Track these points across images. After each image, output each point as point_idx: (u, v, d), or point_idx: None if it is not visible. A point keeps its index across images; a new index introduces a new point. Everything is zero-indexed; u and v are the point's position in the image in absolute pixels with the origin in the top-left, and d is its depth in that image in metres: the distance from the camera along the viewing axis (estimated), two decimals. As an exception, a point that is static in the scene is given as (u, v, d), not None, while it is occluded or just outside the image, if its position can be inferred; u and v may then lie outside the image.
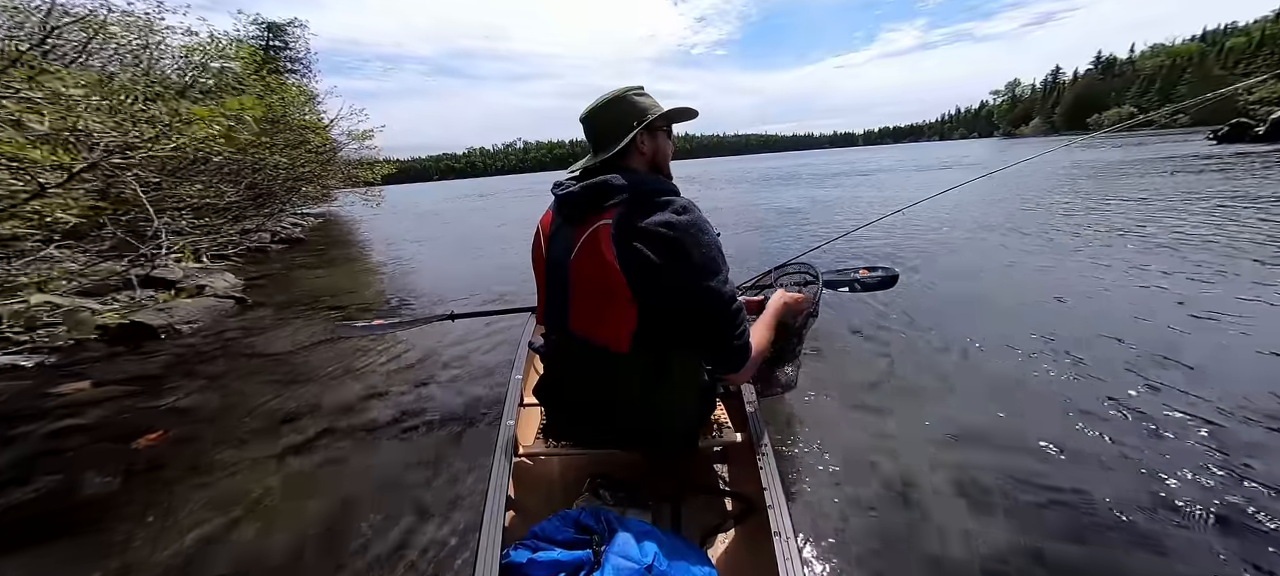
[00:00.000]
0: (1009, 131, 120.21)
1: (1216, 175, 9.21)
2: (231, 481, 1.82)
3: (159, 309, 3.79)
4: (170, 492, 1.75)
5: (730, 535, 1.07)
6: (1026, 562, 1.27)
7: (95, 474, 1.87)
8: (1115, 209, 6.51)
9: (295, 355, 3.12)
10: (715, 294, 0.96)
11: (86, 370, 2.98)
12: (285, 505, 1.66)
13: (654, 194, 0.99)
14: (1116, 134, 38.80)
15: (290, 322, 3.85)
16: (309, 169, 10.16)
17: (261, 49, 15.25)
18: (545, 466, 1.28)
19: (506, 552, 0.86)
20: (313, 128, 9.64)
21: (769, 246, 6.07)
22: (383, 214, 14.76)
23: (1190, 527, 1.34)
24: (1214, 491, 1.45)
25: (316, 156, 10.34)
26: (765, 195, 13.23)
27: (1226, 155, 13.77)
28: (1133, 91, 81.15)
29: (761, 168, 34.72)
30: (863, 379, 2.31)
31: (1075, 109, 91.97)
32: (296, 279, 5.84)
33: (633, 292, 0.95)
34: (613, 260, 0.94)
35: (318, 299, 4.70)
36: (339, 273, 6.29)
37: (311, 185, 11.14)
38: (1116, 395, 2.01)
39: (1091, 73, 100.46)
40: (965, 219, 6.46)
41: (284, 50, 17.42)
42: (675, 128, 1.16)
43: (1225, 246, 4.12)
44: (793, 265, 1.82)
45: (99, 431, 2.25)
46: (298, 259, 7.43)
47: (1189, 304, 2.90)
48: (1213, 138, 21.27)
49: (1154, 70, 79.63)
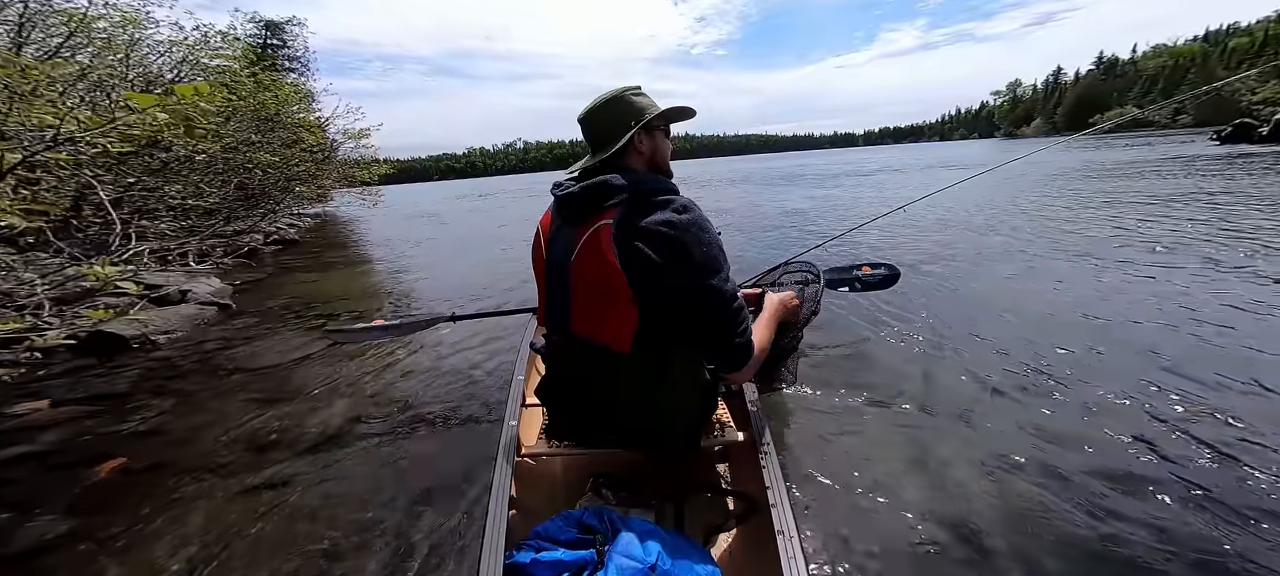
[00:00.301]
0: (1010, 132, 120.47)
1: (1217, 177, 9.21)
2: (218, 487, 1.79)
3: (132, 319, 3.55)
4: (136, 522, 1.60)
5: (733, 534, 1.07)
6: (1028, 560, 1.28)
7: (46, 509, 1.68)
8: (1112, 206, 6.54)
9: (285, 363, 3.06)
10: (717, 293, 0.96)
11: (47, 387, 2.74)
12: (284, 506, 1.66)
13: (654, 193, 0.99)
14: (1109, 134, 38.93)
15: (278, 332, 3.72)
16: (303, 168, 9.89)
17: (259, 47, 15.17)
18: (548, 466, 1.28)
19: (510, 553, 0.86)
20: (307, 126, 9.42)
21: (772, 245, 6.09)
22: (380, 214, 14.72)
23: (1199, 530, 1.34)
24: (1217, 491, 1.46)
25: (311, 155, 10.11)
26: (767, 195, 13.18)
27: (1232, 155, 13.79)
28: (1135, 92, 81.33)
29: (762, 168, 34.66)
30: (865, 377, 2.31)
31: (1077, 109, 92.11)
32: (287, 283, 5.70)
33: (634, 292, 0.96)
34: (614, 260, 0.95)
35: (309, 305, 4.57)
36: (333, 276, 6.13)
37: (306, 185, 10.90)
38: (1119, 390, 2.02)
39: (1093, 73, 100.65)
40: (966, 218, 6.48)
41: (282, 49, 17.44)
42: (674, 127, 1.16)
43: (1227, 245, 4.13)
44: (795, 263, 1.83)
45: (55, 458, 2.06)
46: (291, 261, 7.29)
47: (1197, 309, 2.90)
48: (1216, 138, 21.30)
49: (1156, 70, 79.78)
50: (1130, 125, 61.14)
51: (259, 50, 14.59)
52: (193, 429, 2.25)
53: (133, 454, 2.05)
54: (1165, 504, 1.43)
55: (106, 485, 1.86)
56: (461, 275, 6.00)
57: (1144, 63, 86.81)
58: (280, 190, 9.84)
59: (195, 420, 2.34)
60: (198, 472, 1.89)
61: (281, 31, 17.44)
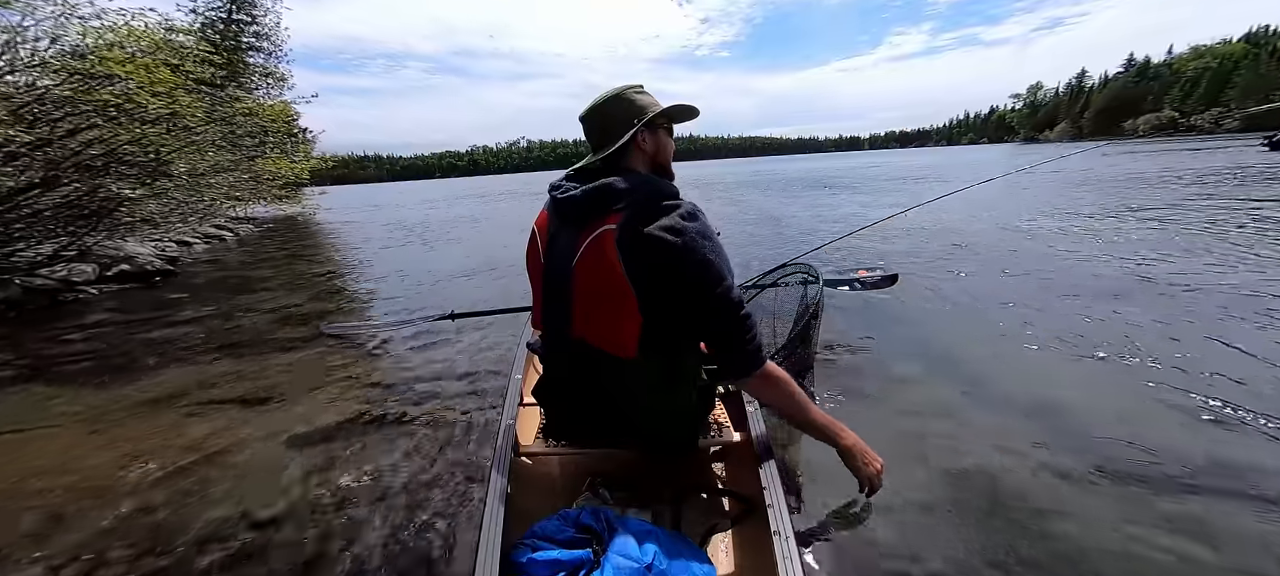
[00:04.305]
0: (1031, 136, 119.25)
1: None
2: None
3: None
4: (138, 522, 1.65)
5: (730, 534, 1.10)
6: (1028, 562, 1.30)
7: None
8: (1141, 204, 6.48)
9: (279, 359, 3.09)
10: (722, 299, 0.98)
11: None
12: (280, 504, 1.70)
13: (659, 198, 1.01)
14: (1145, 139, 37.84)
15: (269, 327, 3.39)
16: (172, 155, 6.52)
17: (222, 20, 14.14)
18: (545, 466, 1.31)
19: (507, 552, 0.89)
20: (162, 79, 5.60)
21: (772, 243, 6.13)
22: (358, 220, 13.51)
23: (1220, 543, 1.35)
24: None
25: (194, 143, 7.06)
26: (811, 205, 11.50)
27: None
28: (1173, 94, 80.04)
29: (756, 171, 34.29)
30: (863, 378, 2.35)
31: (1108, 113, 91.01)
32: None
33: (639, 299, 0.97)
34: (619, 266, 0.96)
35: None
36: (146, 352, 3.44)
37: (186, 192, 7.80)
38: (1121, 394, 2.06)
39: (1122, 76, 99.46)
40: (967, 221, 6.47)
41: (250, 25, 15.35)
42: (677, 127, 1.18)
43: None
44: (793, 265, 1.86)
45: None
46: (102, 320, 4.29)
47: (1204, 321, 2.89)
48: (1266, 144, 20.65)
49: (1197, 72, 78.43)
50: (1169, 128, 59.90)
51: (223, 23, 13.79)
52: (184, 421, 2.31)
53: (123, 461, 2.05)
54: (1163, 503, 1.46)
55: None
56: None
57: (1181, 64, 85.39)
58: (147, 185, 6.49)
59: (186, 409, 2.39)
60: (185, 467, 1.94)
61: (250, 5, 15.43)
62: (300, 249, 9.11)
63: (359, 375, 2.79)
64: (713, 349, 1.04)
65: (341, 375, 2.81)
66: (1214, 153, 19.71)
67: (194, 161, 7.46)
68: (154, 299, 5.22)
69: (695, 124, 1.24)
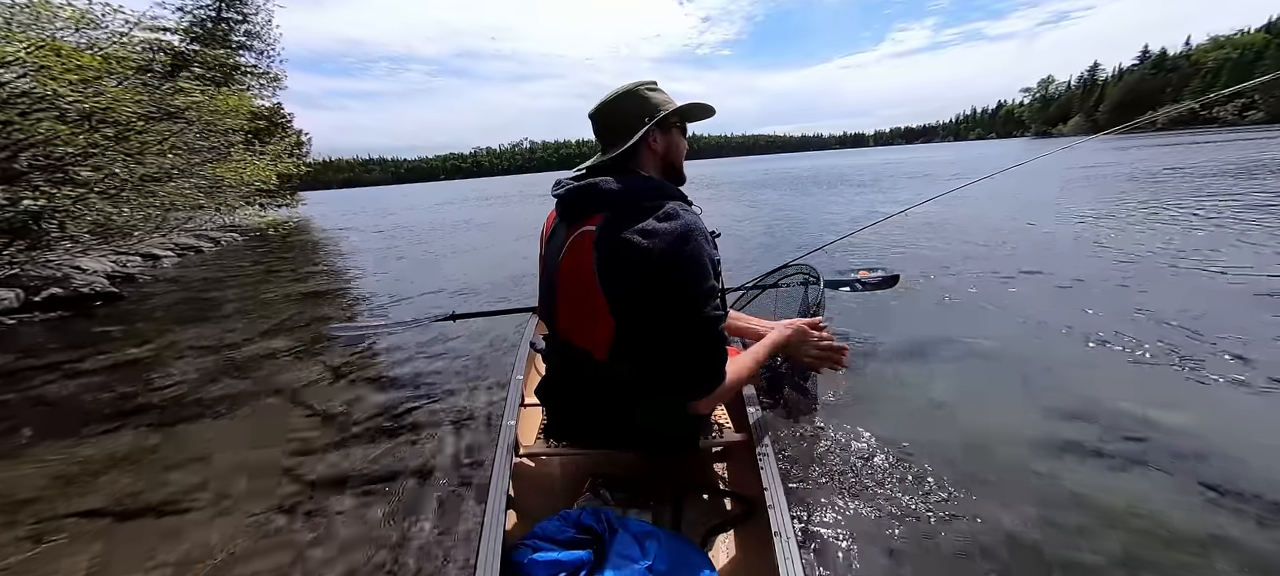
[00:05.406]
0: (1043, 130, 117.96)
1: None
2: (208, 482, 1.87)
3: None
4: (137, 524, 1.64)
5: (731, 535, 1.10)
6: (1028, 562, 1.30)
7: None
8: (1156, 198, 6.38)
9: (282, 359, 3.14)
10: (690, 314, 0.93)
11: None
12: (281, 503, 1.73)
13: (643, 199, 0.97)
14: (1166, 131, 36.88)
15: (274, 328, 3.46)
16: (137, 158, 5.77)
17: (212, 17, 13.71)
18: (546, 466, 1.32)
19: (508, 552, 0.90)
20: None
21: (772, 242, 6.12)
22: (355, 229, 13.00)
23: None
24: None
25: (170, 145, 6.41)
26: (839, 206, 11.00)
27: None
28: (1194, 85, 78.64)
29: (768, 170, 34.28)
30: (863, 379, 2.35)
31: (1124, 106, 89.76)
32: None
33: (609, 302, 0.96)
34: (592, 269, 0.96)
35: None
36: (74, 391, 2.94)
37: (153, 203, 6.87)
38: (1122, 399, 2.04)
39: (1138, 68, 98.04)
40: (969, 221, 6.42)
41: (241, 22, 14.84)
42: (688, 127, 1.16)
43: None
44: (794, 266, 1.86)
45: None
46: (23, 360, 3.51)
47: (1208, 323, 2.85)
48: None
49: (1218, 63, 77.07)
50: (1190, 120, 58.68)
51: (212, 19, 13.43)
52: (182, 419, 2.34)
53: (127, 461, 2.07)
54: (1161, 505, 1.44)
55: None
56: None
57: (1200, 55, 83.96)
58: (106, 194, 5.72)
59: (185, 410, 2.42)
60: (186, 467, 1.97)
61: (240, 3, 14.86)
62: (279, 263, 8.15)
63: (359, 375, 2.83)
64: (669, 363, 0.97)
65: (342, 374, 2.85)
66: (1244, 146, 18.79)
67: (129, 167, 6.06)
68: (76, 333, 4.15)
69: (697, 123, 1.23)
